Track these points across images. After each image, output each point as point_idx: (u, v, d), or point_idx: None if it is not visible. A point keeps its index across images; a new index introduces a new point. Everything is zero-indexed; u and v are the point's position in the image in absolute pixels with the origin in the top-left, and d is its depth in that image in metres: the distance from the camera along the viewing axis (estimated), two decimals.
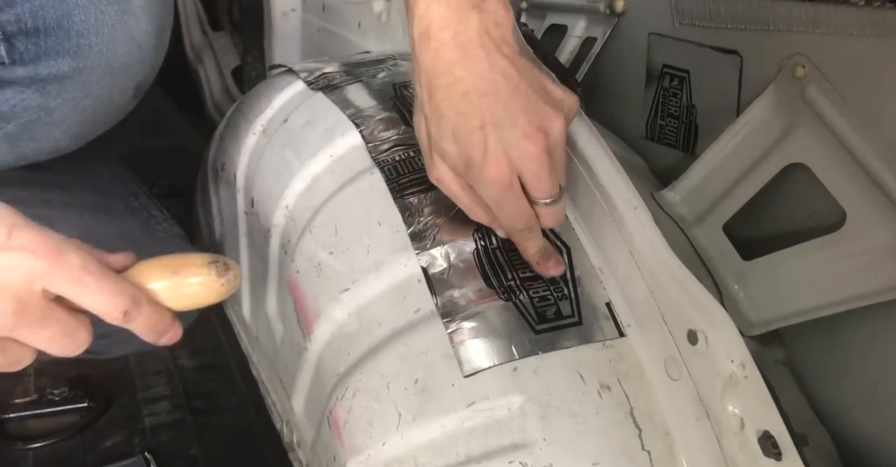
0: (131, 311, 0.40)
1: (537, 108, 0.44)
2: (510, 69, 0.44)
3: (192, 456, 0.84)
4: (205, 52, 1.67)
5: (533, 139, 0.44)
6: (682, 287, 0.44)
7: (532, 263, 0.49)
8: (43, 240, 0.37)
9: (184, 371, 0.96)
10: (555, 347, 0.46)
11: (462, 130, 0.44)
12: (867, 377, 0.54)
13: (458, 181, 0.47)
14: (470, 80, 0.44)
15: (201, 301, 0.44)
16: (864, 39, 0.49)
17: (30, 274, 0.36)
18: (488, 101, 0.44)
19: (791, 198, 0.59)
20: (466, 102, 0.44)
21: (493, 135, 0.44)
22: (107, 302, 0.39)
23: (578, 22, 0.80)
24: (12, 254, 0.36)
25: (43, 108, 0.52)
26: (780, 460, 0.40)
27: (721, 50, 0.62)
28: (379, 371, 0.48)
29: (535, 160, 0.44)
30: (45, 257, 0.36)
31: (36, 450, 0.84)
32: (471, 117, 0.44)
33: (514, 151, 0.44)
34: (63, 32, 0.50)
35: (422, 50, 0.45)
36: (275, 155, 0.66)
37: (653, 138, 0.74)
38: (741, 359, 0.41)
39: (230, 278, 0.44)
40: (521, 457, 0.43)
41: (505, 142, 0.44)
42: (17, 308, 0.36)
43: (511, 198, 0.46)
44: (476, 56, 0.44)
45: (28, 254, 0.36)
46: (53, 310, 0.38)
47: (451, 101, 0.44)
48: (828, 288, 0.53)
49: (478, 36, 0.44)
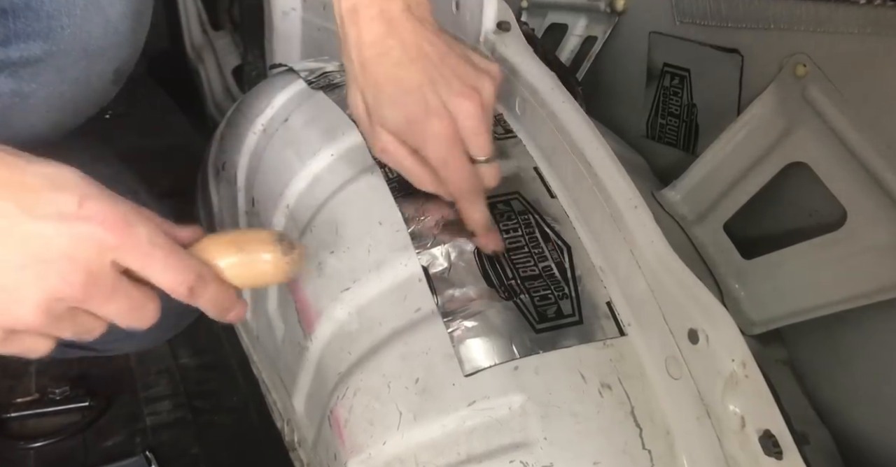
0: (197, 288, 0.39)
1: (467, 70, 0.47)
2: (435, 38, 0.47)
3: (193, 456, 0.84)
4: (205, 51, 1.67)
5: (469, 96, 0.46)
6: (682, 286, 0.44)
7: (477, 232, 0.49)
8: (113, 211, 0.36)
9: (185, 370, 0.96)
10: (555, 346, 0.46)
11: (400, 93, 0.46)
12: (868, 376, 0.54)
13: (402, 148, 0.48)
14: (400, 48, 0.46)
15: (266, 280, 0.43)
16: (865, 38, 0.49)
17: (100, 245, 0.35)
18: (421, 64, 0.46)
19: (792, 196, 0.59)
20: (400, 67, 0.46)
21: (432, 93, 0.46)
22: (173, 277, 0.38)
23: (579, 21, 0.80)
24: (83, 224, 0.35)
25: (17, 93, 0.51)
26: (780, 459, 0.40)
27: (722, 49, 0.62)
28: (380, 370, 0.48)
29: (473, 116, 0.46)
30: (115, 229, 0.36)
31: (37, 450, 0.84)
32: (407, 80, 0.46)
33: (453, 108, 0.46)
34: (32, 13, 0.49)
35: (350, 24, 0.47)
36: (275, 154, 0.66)
37: (653, 137, 0.74)
38: (742, 358, 0.41)
39: (295, 257, 0.42)
40: (521, 456, 0.43)
41: (444, 99, 0.46)
42: (88, 279, 0.35)
43: (456, 153, 0.47)
44: (403, 28, 0.46)
45: (98, 225, 0.35)
46: (122, 282, 0.37)
47: (385, 68, 0.46)
48: (828, 286, 0.53)
49: (402, 12, 0.47)
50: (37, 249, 0.34)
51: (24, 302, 0.35)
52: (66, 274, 0.35)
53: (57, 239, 0.35)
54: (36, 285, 0.35)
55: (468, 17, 0.61)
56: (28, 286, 0.35)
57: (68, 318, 0.37)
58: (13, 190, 0.35)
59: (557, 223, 0.52)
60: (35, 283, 0.35)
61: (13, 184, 0.35)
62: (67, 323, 0.37)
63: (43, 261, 0.34)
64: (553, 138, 0.53)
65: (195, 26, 1.70)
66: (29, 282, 0.35)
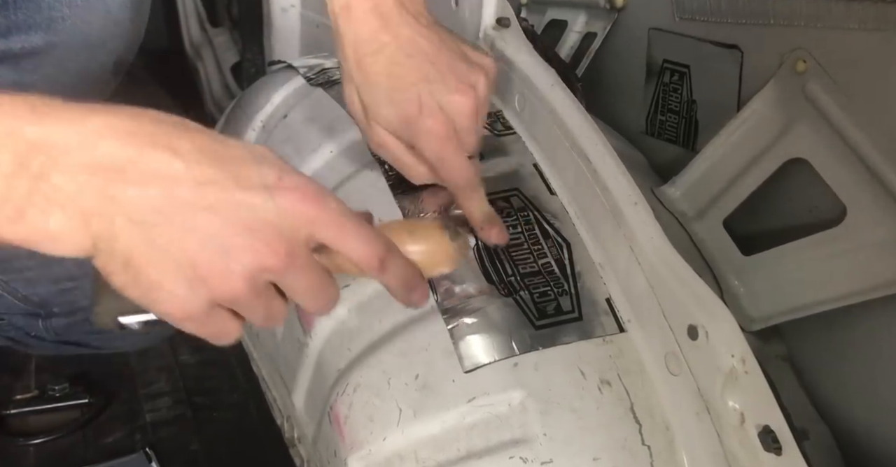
0: (387, 260, 0.38)
1: (462, 66, 0.47)
2: (430, 34, 0.47)
3: (192, 452, 0.84)
4: (204, 48, 1.66)
5: (464, 94, 0.46)
6: (682, 282, 0.44)
7: (477, 228, 0.49)
8: (308, 184, 0.36)
9: (184, 367, 0.96)
10: (555, 343, 0.46)
11: (396, 90, 0.46)
12: (867, 372, 0.54)
13: (398, 143, 0.48)
14: (395, 44, 0.46)
15: (436, 267, 0.42)
16: (865, 34, 0.49)
17: (300, 217, 0.35)
18: (416, 60, 0.46)
19: (791, 193, 0.59)
20: (395, 64, 0.46)
21: (426, 91, 0.46)
22: (367, 248, 0.38)
23: (578, 17, 0.80)
24: (285, 196, 0.35)
25: (18, 84, 0.51)
26: (780, 454, 0.40)
27: (721, 45, 0.62)
28: (380, 366, 0.48)
29: (466, 114, 0.46)
30: (313, 201, 0.36)
31: (37, 446, 0.84)
32: (402, 77, 0.46)
33: (447, 106, 0.46)
34: (33, 5, 0.49)
35: (344, 20, 0.47)
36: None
37: (653, 133, 0.74)
38: (741, 354, 0.41)
39: (461, 243, 0.42)
40: (521, 452, 0.43)
41: (438, 97, 0.46)
42: (289, 249, 0.35)
43: (451, 151, 0.47)
44: (397, 24, 0.46)
45: (299, 196, 0.35)
46: (314, 259, 0.37)
47: (380, 65, 0.46)
48: (828, 283, 0.53)
49: (395, 7, 0.46)
50: (246, 218, 0.34)
51: (235, 269, 0.35)
52: (271, 242, 0.35)
53: (263, 208, 0.35)
54: (246, 252, 0.34)
55: (467, 13, 0.61)
56: (238, 253, 0.34)
57: (265, 295, 0.37)
58: (223, 160, 0.35)
59: (557, 220, 0.52)
60: (245, 250, 0.34)
61: (222, 154, 0.35)
62: (262, 301, 0.37)
63: (252, 229, 0.34)
64: (553, 135, 0.53)
65: (194, 23, 1.69)
66: (239, 249, 0.34)
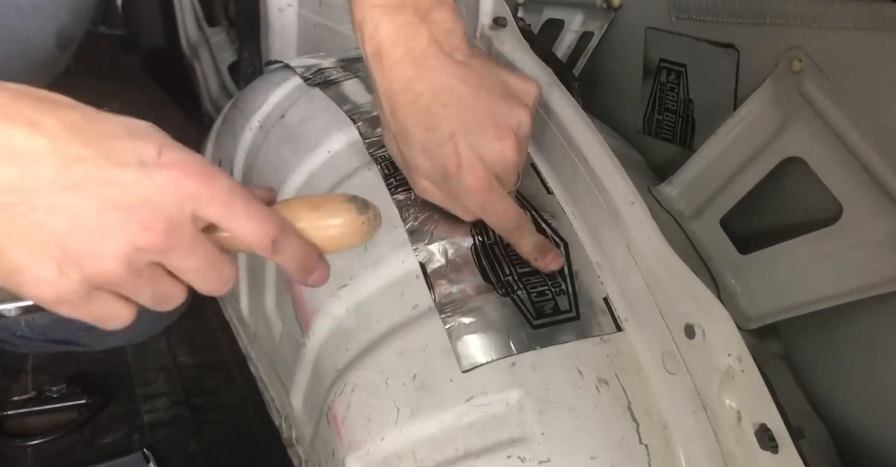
0: (280, 240, 0.37)
1: (502, 107, 0.45)
2: (467, 74, 0.44)
3: (190, 453, 0.84)
4: (201, 47, 1.66)
5: (504, 140, 0.44)
6: (679, 281, 0.44)
7: (530, 260, 0.49)
8: (191, 160, 0.35)
9: (182, 367, 0.96)
10: (553, 342, 0.46)
11: (432, 144, 0.45)
12: (863, 370, 0.55)
13: (442, 191, 0.48)
14: (430, 93, 0.44)
15: (344, 242, 0.40)
16: (861, 33, 0.49)
17: (181, 194, 0.34)
18: (452, 110, 0.44)
19: (788, 192, 0.59)
20: (431, 115, 0.44)
21: (464, 143, 0.44)
22: (257, 227, 0.36)
23: (575, 16, 0.80)
24: (163, 172, 0.34)
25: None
26: (776, 453, 0.40)
27: (718, 44, 0.62)
28: (377, 366, 0.48)
29: (508, 161, 0.45)
30: (196, 177, 0.34)
31: (35, 447, 0.84)
32: (438, 130, 0.44)
33: (487, 155, 0.44)
34: None
35: (377, 70, 0.45)
36: (272, 151, 0.66)
37: (650, 133, 0.74)
38: (738, 353, 0.41)
39: (370, 217, 0.40)
40: (519, 452, 0.43)
41: (477, 148, 0.44)
42: (169, 227, 0.34)
43: (494, 200, 0.46)
44: (431, 68, 0.44)
45: (179, 172, 0.34)
46: (202, 237, 0.36)
47: (415, 116, 0.44)
48: (824, 281, 0.53)
49: (429, 48, 0.44)
50: (118, 196, 0.33)
51: (106, 250, 0.33)
52: (148, 221, 0.33)
53: (139, 186, 0.33)
54: (118, 232, 0.33)
55: (464, 13, 0.61)
56: (110, 232, 0.33)
57: (148, 276, 0.35)
58: (94, 137, 0.33)
59: (554, 219, 0.52)
60: (117, 230, 0.33)
61: (93, 131, 0.33)
62: (147, 281, 0.35)
63: (125, 207, 0.33)
64: (550, 134, 0.53)
65: (191, 23, 1.69)
66: (110, 229, 0.33)
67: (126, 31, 2.14)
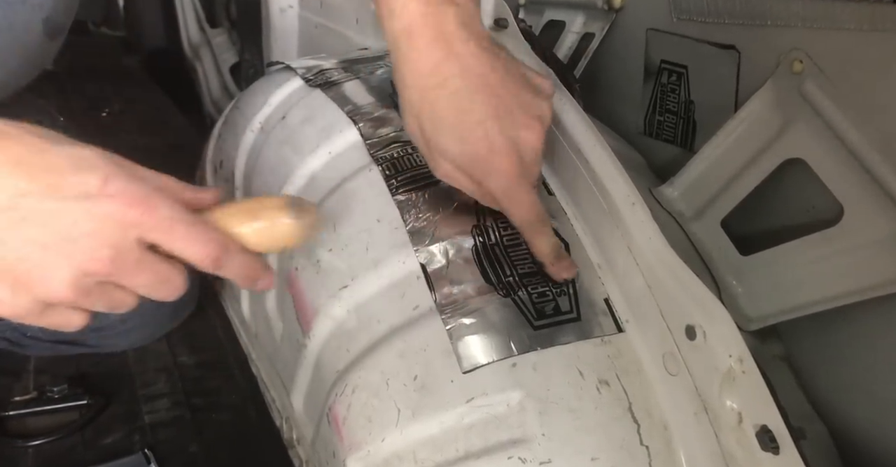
0: (221, 258, 0.40)
1: (527, 97, 0.46)
2: (494, 61, 0.45)
3: (191, 454, 0.84)
4: (202, 49, 1.66)
5: (532, 129, 0.45)
6: (680, 282, 0.44)
7: (546, 263, 0.48)
8: (135, 189, 0.37)
9: (183, 368, 0.96)
10: (553, 343, 0.47)
11: (463, 128, 0.45)
12: (864, 371, 0.55)
13: (464, 176, 0.47)
14: (461, 77, 0.44)
15: (283, 243, 0.44)
16: (862, 34, 0.49)
17: (123, 222, 0.37)
18: (482, 96, 0.44)
19: (789, 193, 0.59)
20: (461, 98, 0.44)
21: (496, 128, 0.44)
22: (198, 250, 0.39)
23: (576, 18, 0.80)
24: (107, 203, 0.36)
25: None
26: (777, 454, 0.40)
27: (719, 45, 0.62)
28: (378, 367, 0.48)
29: (535, 149, 0.45)
30: (136, 206, 0.37)
31: (35, 448, 0.84)
32: (469, 114, 0.44)
33: (519, 142, 0.45)
34: None
35: (406, 47, 0.45)
36: (273, 152, 0.66)
37: (651, 134, 0.74)
38: (739, 354, 0.41)
39: (308, 221, 0.43)
40: (520, 453, 0.43)
41: (508, 133, 0.44)
42: (114, 255, 0.37)
43: (521, 189, 0.46)
44: (461, 53, 0.44)
45: (120, 203, 0.37)
46: (148, 257, 0.39)
47: (446, 100, 0.44)
48: (825, 283, 0.53)
49: (457, 31, 0.44)
50: (63, 228, 0.36)
51: (54, 278, 0.36)
52: (92, 251, 0.36)
53: (82, 218, 0.36)
54: (63, 262, 0.36)
55: None
56: (56, 263, 0.36)
57: (98, 292, 0.38)
58: (38, 171, 0.36)
59: (555, 220, 0.52)
60: (62, 260, 0.36)
61: (38, 165, 0.36)
62: (98, 296, 0.38)
63: (69, 239, 0.36)
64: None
65: (192, 24, 1.70)
66: (56, 260, 0.36)
67: (127, 32, 2.15)
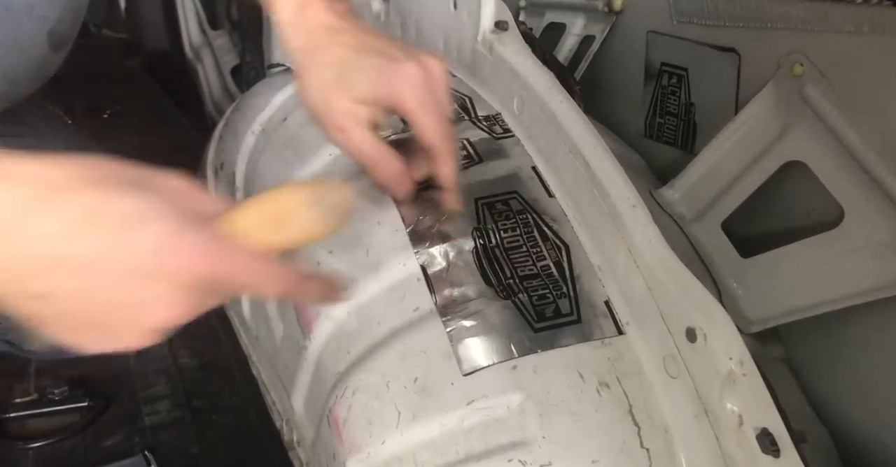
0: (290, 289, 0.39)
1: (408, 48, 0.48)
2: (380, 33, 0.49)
3: (191, 455, 0.84)
4: (204, 50, 1.67)
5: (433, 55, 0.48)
6: (680, 285, 0.44)
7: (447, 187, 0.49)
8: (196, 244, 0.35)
9: (184, 370, 0.96)
10: (554, 345, 0.46)
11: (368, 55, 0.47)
12: (865, 374, 0.55)
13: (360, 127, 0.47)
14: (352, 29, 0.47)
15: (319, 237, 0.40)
16: (862, 37, 0.49)
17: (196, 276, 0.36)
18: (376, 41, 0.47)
19: (789, 195, 0.59)
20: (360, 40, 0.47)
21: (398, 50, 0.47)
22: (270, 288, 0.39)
23: (577, 20, 0.80)
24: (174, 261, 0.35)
25: None
26: (778, 457, 0.40)
27: (719, 48, 0.62)
28: (378, 369, 0.48)
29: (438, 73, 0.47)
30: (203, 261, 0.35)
31: (36, 450, 0.84)
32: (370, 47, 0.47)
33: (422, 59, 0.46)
34: None
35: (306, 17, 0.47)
36: (274, 154, 0.67)
37: (651, 136, 0.74)
38: (739, 357, 0.41)
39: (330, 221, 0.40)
40: (520, 455, 0.43)
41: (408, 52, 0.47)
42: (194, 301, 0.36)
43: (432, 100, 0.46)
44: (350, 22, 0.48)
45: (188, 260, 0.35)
46: None
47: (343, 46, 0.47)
48: (826, 285, 0.53)
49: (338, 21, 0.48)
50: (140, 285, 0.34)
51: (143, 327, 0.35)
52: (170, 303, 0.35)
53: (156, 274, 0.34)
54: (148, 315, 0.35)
55: (466, 17, 0.61)
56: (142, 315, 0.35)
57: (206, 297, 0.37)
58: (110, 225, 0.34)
59: (556, 222, 0.52)
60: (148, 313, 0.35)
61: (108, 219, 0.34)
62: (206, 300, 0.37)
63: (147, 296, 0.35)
64: (551, 138, 0.54)
65: (193, 26, 1.70)
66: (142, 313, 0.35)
67: (129, 35, 2.15)
